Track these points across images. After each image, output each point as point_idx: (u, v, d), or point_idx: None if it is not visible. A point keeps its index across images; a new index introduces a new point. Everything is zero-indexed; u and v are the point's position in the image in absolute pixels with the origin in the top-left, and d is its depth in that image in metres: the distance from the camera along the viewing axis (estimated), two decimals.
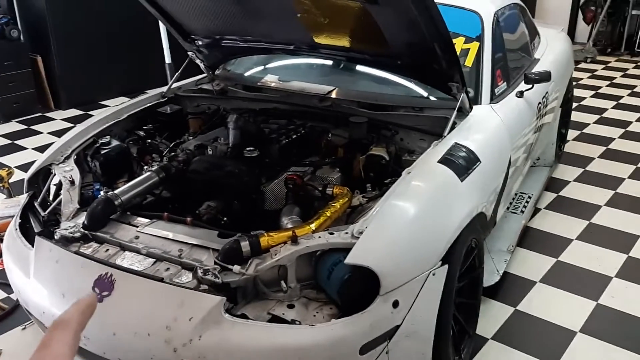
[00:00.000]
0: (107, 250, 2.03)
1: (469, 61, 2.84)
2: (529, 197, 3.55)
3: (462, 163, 2.19)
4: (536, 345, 2.48)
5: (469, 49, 2.90)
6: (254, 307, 1.84)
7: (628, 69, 7.26)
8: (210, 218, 2.25)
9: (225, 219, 2.28)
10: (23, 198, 2.59)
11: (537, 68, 3.34)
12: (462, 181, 2.12)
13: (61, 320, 0.56)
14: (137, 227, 2.11)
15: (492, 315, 2.65)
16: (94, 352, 1.85)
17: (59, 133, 5.15)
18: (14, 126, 5.43)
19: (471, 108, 2.57)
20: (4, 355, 2.42)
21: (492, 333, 2.55)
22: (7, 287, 2.85)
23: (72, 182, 2.33)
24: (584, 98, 6.05)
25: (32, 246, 2.11)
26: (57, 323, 0.56)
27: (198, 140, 2.68)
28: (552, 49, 3.90)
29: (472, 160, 2.25)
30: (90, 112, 5.71)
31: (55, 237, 2.10)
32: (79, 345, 0.56)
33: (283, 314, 1.81)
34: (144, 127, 2.82)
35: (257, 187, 2.34)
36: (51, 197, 2.50)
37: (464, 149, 2.27)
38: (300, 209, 2.24)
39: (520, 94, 2.94)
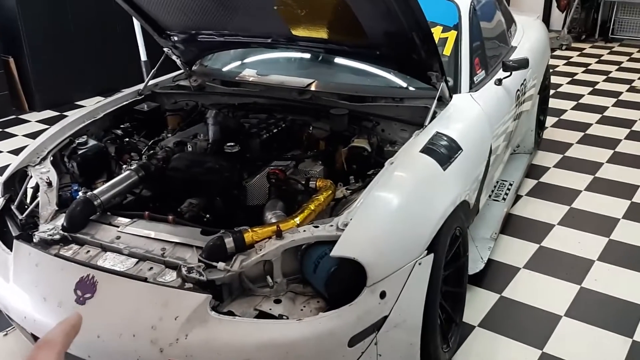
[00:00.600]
0: (88, 251, 1.99)
1: (447, 50, 2.84)
2: (510, 185, 3.57)
3: (444, 152, 2.19)
4: (523, 331, 2.50)
5: (447, 38, 2.90)
6: (240, 304, 1.82)
7: (602, 55, 7.35)
8: (193, 216, 2.22)
9: (207, 216, 2.25)
10: None
11: (515, 55, 3.36)
12: (444, 170, 2.12)
13: (45, 341, 0.56)
14: (118, 227, 2.08)
15: (478, 303, 2.67)
16: (79, 355, 1.81)
17: (34, 135, 5.05)
18: None
19: (451, 97, 2.57)
20: None
21: (479, 320, 2.56)
22: None
23: (49, 184, 2.28)
24: (561, 85, 6.12)
25: (11, 250, 2.07)
26: (42, 344, 0.56)
27: (177, 137, 2.64)
28: (528, 36, 3.92)
29: (453, 148, 2.25)
30: (65, 113, 5.60)
31: (34, 240, 2.05)
32: None
33: (270, 309, 1.79)
34: (121, 126, 2.77)
35: (239, 182, 2.31)
36: (28, 200, 2.45)
37: (445, 138, 2.28)
38: (284, 203, 2.22)
39: (499, 82, 2.95)
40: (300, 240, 1.85)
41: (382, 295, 1.76)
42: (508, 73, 2.96)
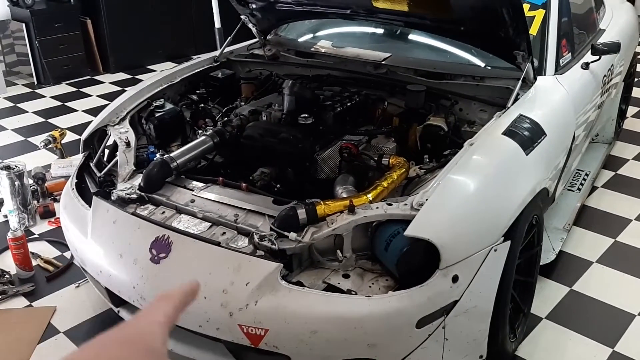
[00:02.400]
0: (163, 212, 2.03)
1: (533, 29, 2.70)
2: (587, 175, 3.41)
3: (527, 136, 2.09)
4: (592, 327, 2.40)
5: (534, 16, 2.76)
6: (309, 275, 1.83)
7: None
8: (264, 184, 2.23)
9: (278, 185, 2.26)
10: (76, 159, 2.63)
11: (604, 39, 3.17)
12: (527, 155, 2.03)
13: (165, 294, 0.57)
14: (192, 190, 2.11)
15: (547, 295, 2.57)
16: None
17: (107, 96, 5.22)
18: (64, 88, 5.51)
19: (535, 79, 2.45)
20: (58, 312, 2.48)
21: (547, 312, 2.48)
22: (60, 245, 2.92)
23: (127, 144, 2.33)
24: None
25: (89, 206, 2.14)
26: (161, 296, 0.57)
27: (251, 105, 2.64)
28: (617, 19, 3.69)
29: (537, 133, 2.15)
30: (137, 77, 5.75)
31: (112, 197, 2.12)
32: (175, 323, 0.56)
33: (338, 283, 1.78)
34: (197, 92, 2.80)
35: (311, 155, 2.30)
36: (105, 158, 2.53)
37: (528, 121, 2.18)
38: (354, 178, 2.20)
39: (586, 66, 2.80)
40: (372, 217, 1.82)
41: (455, 279, 1.72)
42: (597, 57, 2.80)
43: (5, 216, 3.13)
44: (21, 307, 2.53)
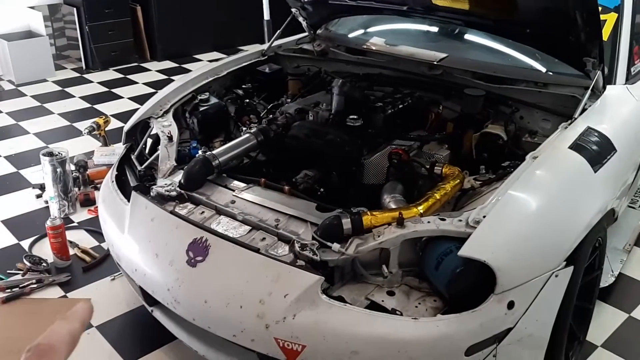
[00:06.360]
0: (203, 212, 1.95)
1: (604, 35, 2.51)
2: None
3: (596, 150, 1.92)
4: None
5: (605, 20, 2.56)
6: (350, 290, 1.72)
7: None
8: (307, 187, 2.13)
9: (321, 189, 2.15)
10: (118, 147, 2.58)
11: None
12: (595, 172, 1.86)
13: (48, 349, 0.45)
14: (233, 190, 2.03)
15: (603, 321, 2.39)
16: (184, 316, 1.79)
17: (153, 84, 5.21)
18: (111, 74, 5.54)
19: (604, 88, 2.27)
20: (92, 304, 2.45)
21: (603, 340, 2.30)
22: (97, 235, 2.89)
23: (170, 138, 2.26)
24: None
25: (128, 200, 2.08)
26: (42, 351, 0.45)
27: (298, 104, 2.54)
28: None
29: (607, 148, 1.98)
30: (183, 65, 5.73)
31: (151, 193, 2.05)
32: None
33: (382, 301, 1.67)
34: (243, 86, 2.72)
35: (358, 159, 2.18)
36: (147, 151, 2.47)
37: (597, 135, 2.00)
38: (403, 186, 2.07)
39: None
40: (423, 232, 1.69)
41: (510, 305, 1.58)
42: None
43: (47, 202, 3.13)
44: (56, 297, 2.50)
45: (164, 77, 5.45)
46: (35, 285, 2.51)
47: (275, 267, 1.69)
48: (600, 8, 2.54)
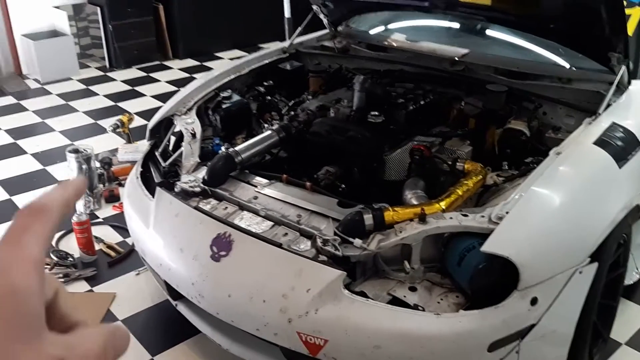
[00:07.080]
0: (226, 208, 1.98)
1: (629, 29, 2.47)
2: None
3: (621, 146, 1.90)
4: None
5: (630, 15, 2.53)
6: (372, 286, 1.73)
7: None
8: (328, 184, 2.14)
9: (343, 185, 2.16)
10: (142, 144, 2.62)
11: None
12: (620, 167, 1.84)
13: (41, 208, 0.40)
14: (255, 187, 2.05)
15: (628, 318, 2.37)
16: (208, 310, 1.82)
17: (176, 82, 5.26)
18: (134, 73, 5.61)
19: (629, 83, 2.24)
20: (117, 299, 2.49)
21: (627, 338, 2.28)
22: (123, 230, 2.94)
23: (193, 135, 2.29)
24: None
25: (152, 196, 2.11)
26: (37, 210, 0.40)
27: (319, 100, 2.55)
28: None
29: (632, 143, 1.95)
30: (205, 63, 5.78)
31: (175, 189, 2.08)
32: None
33: (404, 296, 1.68)
34: (264, 83, 2.74)
35: (380, 155, 2.19)
36: (171, 148, 2.50)
37: (622, 130, 1.98)
38: (425, 183, 2.07)
39: None
40: (445, 228, 1.70)
41: (533, 301, 1.57)
42: None
43: None
44: (82, 291, 2.56)
45: (186, 75, 5.50)
46: (62, 280, 2.56)
47: (297, 262, 1.70)
48: (625, 2, 2.53)
